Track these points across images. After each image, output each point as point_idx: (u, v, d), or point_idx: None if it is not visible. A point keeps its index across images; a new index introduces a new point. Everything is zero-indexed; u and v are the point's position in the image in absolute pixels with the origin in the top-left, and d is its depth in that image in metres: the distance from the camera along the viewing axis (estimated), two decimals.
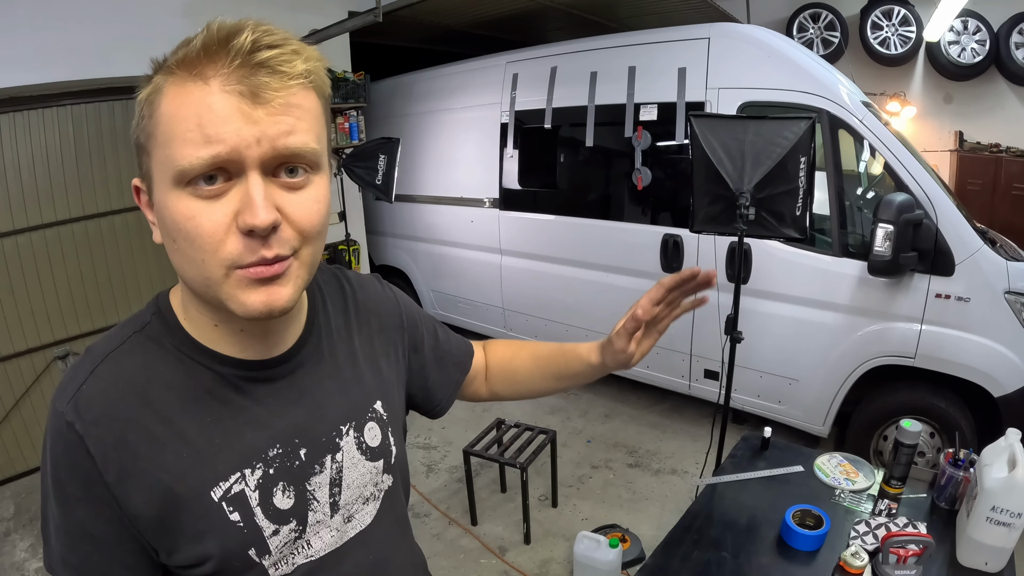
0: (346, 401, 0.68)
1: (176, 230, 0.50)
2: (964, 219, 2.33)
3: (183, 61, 0.48)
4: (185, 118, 0.47)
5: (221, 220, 0.49)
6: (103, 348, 0.58)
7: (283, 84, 0.49)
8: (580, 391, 3.82)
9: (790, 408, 2.84)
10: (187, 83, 0.48)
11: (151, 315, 0.61)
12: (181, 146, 0.47)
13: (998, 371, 2.26)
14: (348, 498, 0.67)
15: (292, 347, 0.64)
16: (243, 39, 0.47)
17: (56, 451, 0.55)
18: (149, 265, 3.37)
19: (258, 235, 0.49)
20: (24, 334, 2.93)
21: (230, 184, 0.49)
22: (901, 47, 4.93)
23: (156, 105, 0.49)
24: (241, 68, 0.47)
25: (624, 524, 2.49)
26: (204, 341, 0.59)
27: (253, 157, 0.48)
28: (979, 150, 4.86)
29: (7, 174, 2.79)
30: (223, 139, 0.47)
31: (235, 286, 0.51)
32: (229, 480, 0.58)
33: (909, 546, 1.08)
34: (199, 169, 0.47)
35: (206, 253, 0.50)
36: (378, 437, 0.70)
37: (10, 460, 2.96)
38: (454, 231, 4.09)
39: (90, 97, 2.99)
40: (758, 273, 2.72)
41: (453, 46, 4.90)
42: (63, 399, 0.55)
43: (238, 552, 0.58)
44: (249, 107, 0.47)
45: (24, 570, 2.36)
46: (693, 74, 2.83)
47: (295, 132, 0.50)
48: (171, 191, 0.49)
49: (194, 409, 0.57)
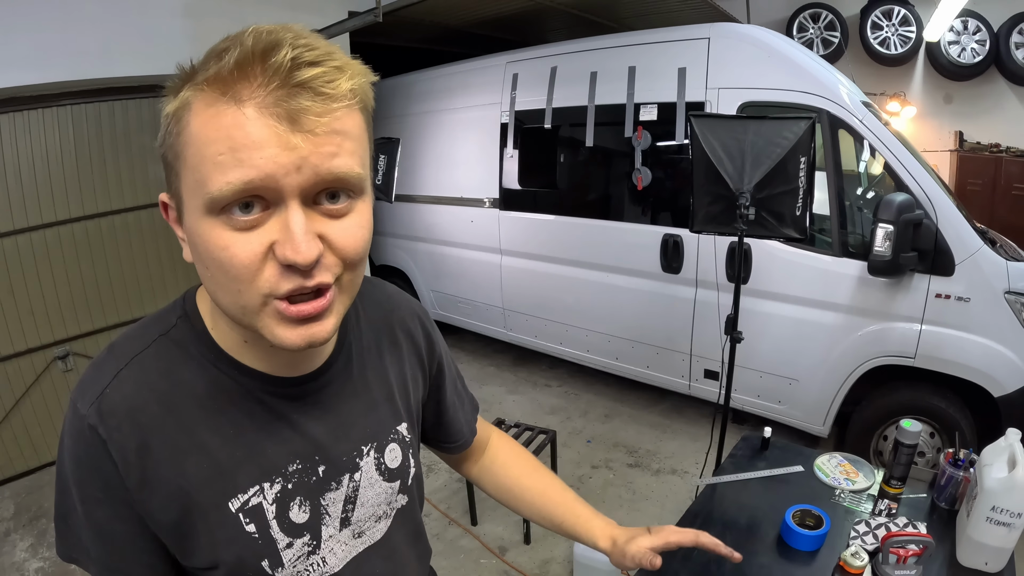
0: (370, 422, 0.67)
1: (209, 258, 0.47)
2: (964, 219, 2.33)
3: (215, 78, 0.44)
4: (216, 141, 0.44)
5: (257, 250, 0.46)
6: (128, 350, 0.57)
7: (326, 108, 0.45)
8: (580, 391, 3.82)
9: (790, 408, 2.84)
10: (218, 103, 0.44)
11: (177, 318, 0.59)
12: (211, 171, 0.44)
13: (998, 371, 2.26)
14: (361, 515, 0.66)
15: (321, 366, 0.63)
16: (282, 56, 0.43)
17: (77, 452, 0.54)
18: (149, 265, 3.37)
19: (299, 269, 0.46)
20: (24, 334, 2.93)
21: (268, 214, 0.46)
22: (901, 47, 4.93)
23: (184, 122, 0.46)
24: (279, 89, 0.43)
25: (624, 524, 2.48)
26: (232, 353, 0.58)
27: (292, 186, 0.45)
28: (979, 150, 4.86)
29: (7, 174, 2.79)
30: (256, 165, 0.43)
31: (272, 317, 0.48)
32: (248, 492, 0.57)
33: (909, 546, 1.08)
34: (230, 197, 0.44)
35: (242, 283, 0.47)
36: (398, 459, 0.70)
37: (10, 460, 2.96)
38: (454, 231, 4.09)
39: (90, 97, 2.98)
40: (758, 273, 2.72)
41: (453, 46, 4.90)
42: (85, 401, 0.54)
43: (251, 562, 0.58)
44: (288, 133, 0.43)
45: (24, 570, 2.35)
46: (693, 74, 2.83)
47: (339, 156, 0.46)
48: (203, 218, 0.46)
49: (217, 419, 0.57)
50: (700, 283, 2.96)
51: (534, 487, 0.88)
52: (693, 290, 2.99)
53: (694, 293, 2.99)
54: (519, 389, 3.92)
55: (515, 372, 4.18)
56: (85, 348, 3.16)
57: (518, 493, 0.89)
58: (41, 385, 3.02)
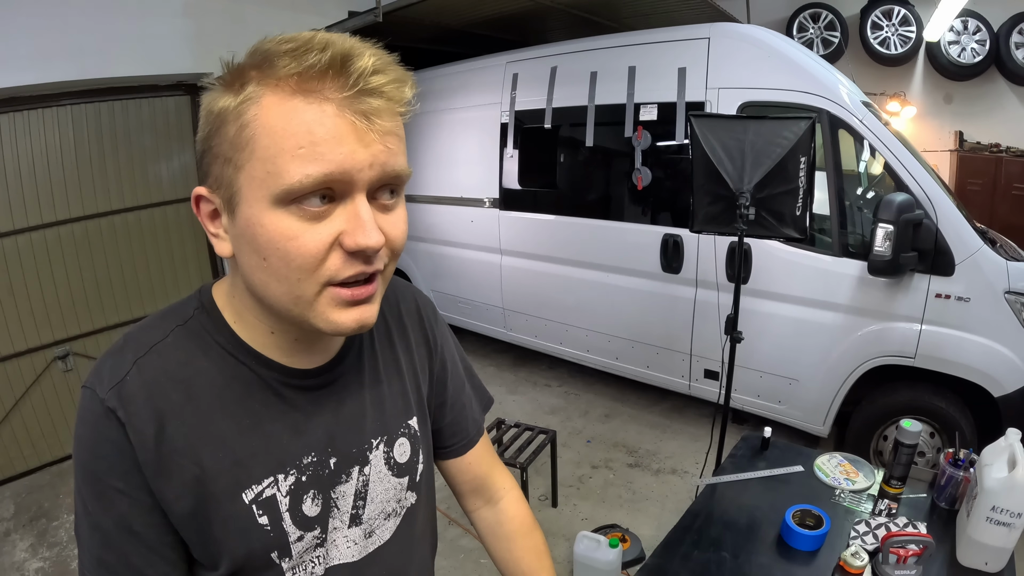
0: (381, 415, 0.68)
1: (272, 248, 0.49)
2: (964, 219, 2.33)
3: (296, 76, 0.46)
4: (296, 134, 0.46)
5: (326, 240, 0.49)
6: (147, 339, 0.57)
7: (394, 109, 0.50)
8: (580, 391, 3.82)
9: (790, 408, 2.84)
10: (295, 98, 0.47)
11: (193, 310, 0.60)
12: (289, 163, 0.46)
13: (998, 371, 2.26)
14: (371, 512, 0.67)
15: (335, 357, 0.64)
16: (366, 62, 0.47)
17: (94, 440, 0.54)
18: (149, 265, 3.38)
19: (363, 255, 0.50)
20: (24, 334, 2.94)
21: (333, 205, 0.50)
22: (901, 47, 4.93)
23: (251, 115, 0.47)
24: (359, 93, 0.47)
25: (624, 524, 2.49)
26: (253, 344, 0.59)
27: (363, 180, 0.49)
28: (979, 150, 4.86)
29: (7, 174, 2.80)
30: (336, 160, 0.47)
31: (327, 304, 0.52)
32: (262, 484, 0.58)
33: (909, 546, 1.08)
34: (309, 188, 0.47)
35: (304, 272, 0.49)
36: (407, 453, 0.70)
37: (10, 460, 2.96)
38: (454, 231, 4.09)
39: (90, 97, 2.99)
40: (758, 273, 2.72)
41: (453, 46, 4.90)
42: (104, 386, 0.54)
43: (261, 554, 0.59)
44: (364, 131, 0.48)
45: (24, 570, 2.36)
46: (693, 74, 2.83)
47: (397, 155, 0.52)
48: (269, 209, 0.48)
49: (234, 409, 0.58)
50: (700, 283, 2.96)
51: (517, 556, 0.85)
52: (693, 290, 3.00)
53: (694, 293, 2.99)
54: (519, 389, 3.92)
55: (515, 372, 4.18)
56: (85, 348, 3.16)
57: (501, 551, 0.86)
58: (41, 385, 3.02)
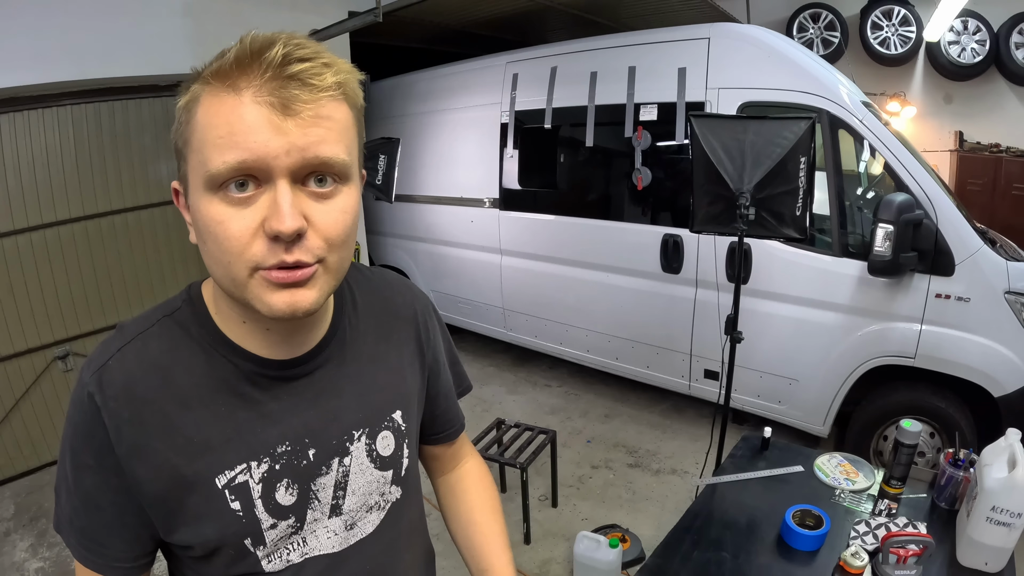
0: (362, 407, 0.68)
1: (207, 232, 0.52)
2: (964, 219, 2.33)
3: (217, 72, 0.50)
4: (217, 126, 0.49)
5: (249, 225, 0.50)
6: (133, 329, 0.61)
7: (313, 96, 0.50)
8: (580, 391, 3.82)
9: (790, 408, 2.84)
10: (221, 93, 0.49)
11: (182, 302, 0.63)
12: (211, 151, 0.49)
13: (998, 371, 2.26)
14: (352, 504, 0.67)
15: (314, 348, 0.65)
16: (275, 52, 0.48)
17: (75, 419, 0.58)
18: (149, 265, 3.37)
19: (283, 240, 0.51)
20: (24, 334, 2.93)
21: (260, 191, 0.51)
22: (901, 47, 4.94)
23: (193, 112, 0.51)
24: (272, 80, 0.49)
25: (624, 524, 2.49)
26: (231, 336, 0.61)
27: (282, 167, 0.50)
28: (979, 150, 4.86)
29: (7, 174, 2.79)
30: (250, 148, 0.48)
31: (259, 287, 0.53)
32: (235, 470, 0.60)
33: (909, 546, 1.08)
34: (226, 174, 0.49)
35: (232, 255, 0.51)
36: (391, 447, 0.71)
37: (10, 460, 2.96)
38: (454, 231, 4.09)
39: (90, 97, 2.98)
40: (758, 273, 2.72)
41: (453, 46, 4.90)
42: (88, 371, 0.58)
43: (233, 540, 0.60)
44: (279, 119, 0.49)
45: (24, 570, 2.35)
46: (693, 74, 2.83)
47: (325, 142, 0.51)
48: (203, 195, 0.51)
49: (211, 397, 0.60)
50: (700, 283, 2.96)
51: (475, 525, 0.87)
52: (693, 290, 3.00)
53: (694, 293, 3.00)
54: (519, 389, 3.92)
55: (515, 372, 4.18)
56: (85, 348, 3.16)
57: (461, 524, 0.88)
58: (41, 385, 3.02)
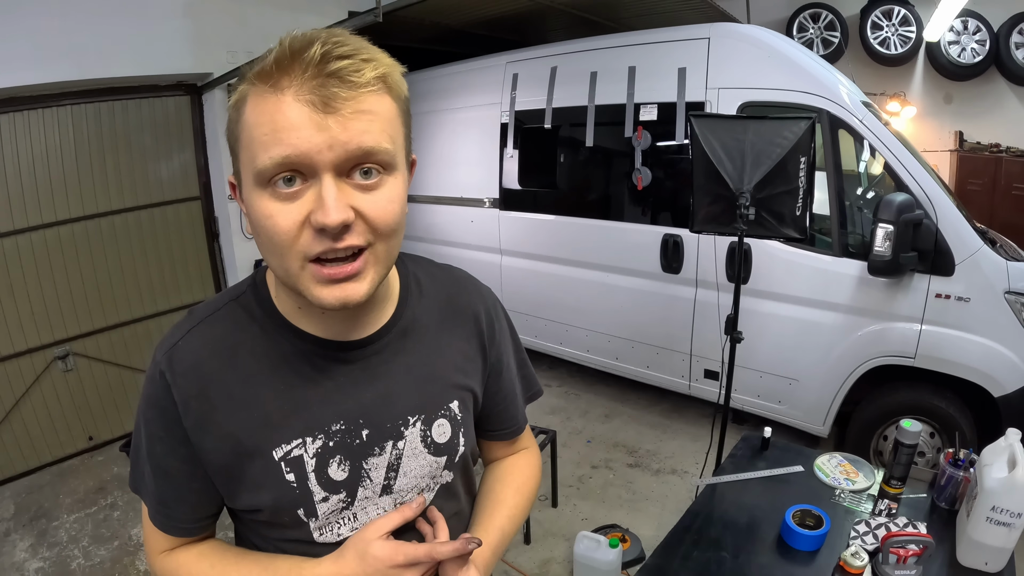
0: (419, 394, 0.70)
1: (259, 226, 0.55)
2: (964, 219, 2.33)
3: (260, 73, 0.53)
4: (261, 124, 0.52)
5: (296, 219, 0.53)
6: (202, 312, 0.67)
7: (353, 93, 0.52)
8: (580, 391, 3.82)
9: (790, 408, 2.84)
10: (265, 93, 0.52)
11: (247, 287, 0.68)
12: (258, 148, 0.52)
13: (998, 371, 2.26)
14: (403, 485, 0.70)
15: (374, 334, 0.68)
16: (313, 51, 0.50)
17: (148, 393, 0.65)
18: (149, 265, 3.37)
19: (330, 232, 0.53)
20: (24, 334, 2.93)
21: (306, 186, 0.53)
22: (901, 47, 4.93)
23: (241, 112, 0.55)
24: (313, 79, 0.51)
25: (624, 524, 2.49)
26: (290, 318, 0.65)
27: (325, 161, 0.52)
28: (979, 150, 4.85)
29: (7, 174, 2.79)
30: (293, 144, 0.51)
31: (310, 280, 0.56)
32: (291, 444, 0.64)
33: (909, 546, 1.08)
34: (272, 170, 0.52)
35: (283, 248, 0.54)
36: (447, 435, 0.72)
37: (10, 460, 2.96)
38: (454, 231, 4.09)
39: (90, 97, 2.99)
40: (758, 273, 2.72)
41: (453, 46, 4.90)
42: (161, 350, 0.64)
43: (287, 508, 0.65)
44: (320, 116, 0.51)
45: (24, 570, 2.35)
46: (693, 74, 2.83)
47: (368, 133, 0.53)
48: (254, 190, 0.54)
49: (271, 375, 0.64)
50: (700, 283, 2.96)
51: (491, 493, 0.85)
52: (693, 290, 2.99)
53: (694, 293, 2.99)
54: None
55: None
56: (85, 348, 3.16)
57: (482, 491, 0.87)
58: (41, 385, 3.02)
